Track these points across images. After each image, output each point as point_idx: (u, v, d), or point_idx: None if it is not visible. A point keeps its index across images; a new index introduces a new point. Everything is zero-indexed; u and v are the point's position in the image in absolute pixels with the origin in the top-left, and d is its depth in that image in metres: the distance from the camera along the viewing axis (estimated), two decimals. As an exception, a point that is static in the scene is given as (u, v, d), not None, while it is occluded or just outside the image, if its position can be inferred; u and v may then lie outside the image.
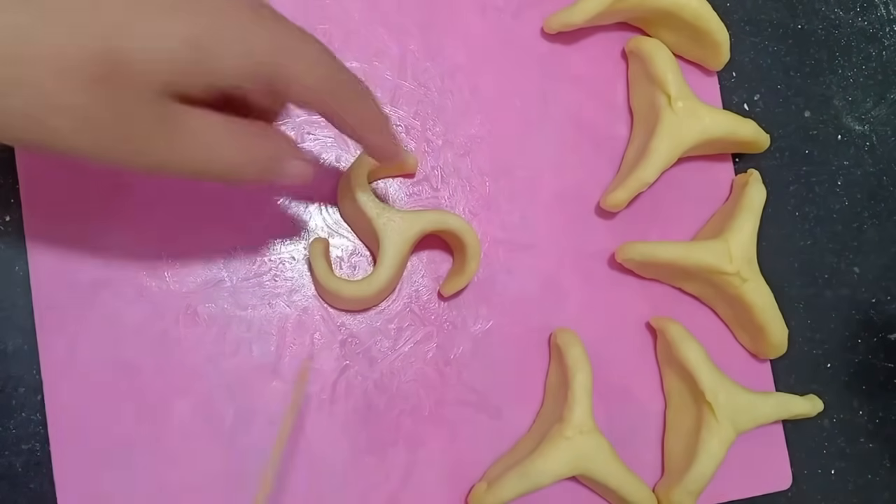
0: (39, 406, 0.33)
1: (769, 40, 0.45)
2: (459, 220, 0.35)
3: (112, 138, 0.24)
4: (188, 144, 0.25)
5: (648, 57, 0.39)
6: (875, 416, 0.44)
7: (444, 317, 0.38)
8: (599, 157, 0.41)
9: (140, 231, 0.35)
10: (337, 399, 0.36)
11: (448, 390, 0.38)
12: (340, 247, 0.37)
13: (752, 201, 0.40)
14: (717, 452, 0.37)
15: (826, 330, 0.44)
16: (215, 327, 0.35)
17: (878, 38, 0.46)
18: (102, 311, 0.34)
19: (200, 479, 0.34)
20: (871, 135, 0.46)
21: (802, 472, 0.42)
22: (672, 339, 0.38)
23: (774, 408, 0.39)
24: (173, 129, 0.25)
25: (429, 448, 0.37)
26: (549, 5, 0.40)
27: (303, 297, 0.37)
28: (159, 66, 0.24)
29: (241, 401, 0.35)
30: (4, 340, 0.34)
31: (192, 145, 0.26)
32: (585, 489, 0.39)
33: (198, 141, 0.26)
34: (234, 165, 0.27)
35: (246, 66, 0.25)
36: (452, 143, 0.39)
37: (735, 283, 0.38)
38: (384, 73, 0.39)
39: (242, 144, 0.27)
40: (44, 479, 0.33)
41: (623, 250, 0.39)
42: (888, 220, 0.45)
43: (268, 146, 0.28)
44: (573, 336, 0.38)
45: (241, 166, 0.27)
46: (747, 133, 0.40)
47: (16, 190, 0.34)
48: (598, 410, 0.38)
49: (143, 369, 0.34)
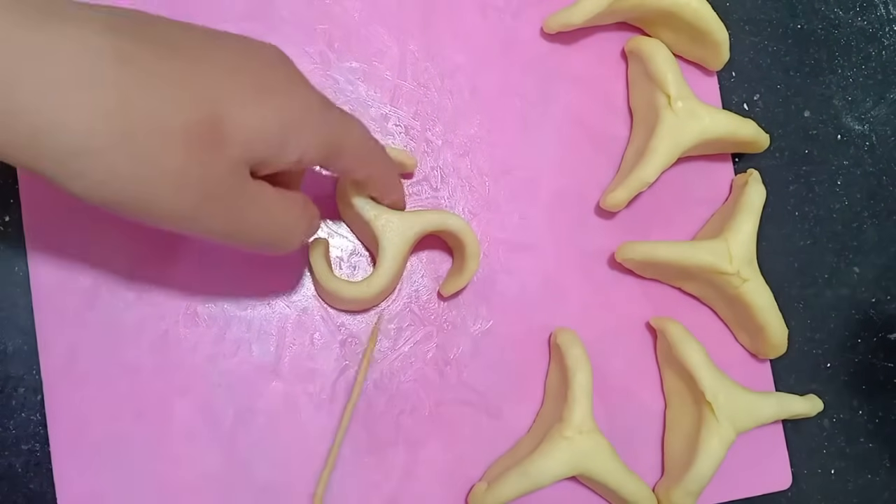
0: (39, 406, 0.33)
1: (769, 40, 0.45)
2: (458, 221, 0.35)
3: (200, 203, 0.25)
4: (257, 216, 0.27)
5: (648, 57, 0.39)
6: (875, 416, 0.44)
7: (444, 317, 0.38)
8: (599, 157, 0.41)
9: (140, 231, 0.35)
10: (337, 399, 0.36)
11: (448, 390, 0.38)
12: (340, 247, 0.37)
13: (751, 201, 0.40)
14: (717, 452, 0.37)
15: (826, 330, 0.44)
16: (215, 327, 0.35)
17: (878, 37, 0.46)
18: (102, 312, 0.34)
19: (200, 479, 0.34)
20: (870, 135, 0.46)
21: (802, 472, 0.42)
22: (672, 339, 0.38)
23: (774, 408, 0.39)
24: (250, 202, 0.27)
25: (429, 448, 0.37)
26: (549, 5, 0.40)
27: (303, 297, 0.37)
28: (253, 140, 0.25)
29: (241, 401, 0.35)
30: (4, 340, 0.34)
31: (260, 217, 0.28)
32: (585, 489, 0.39)
33: (265, 213, 0.28)
34: (290, 234, 0.29)
35: (316, 147, 0.28)
36: (452, 143, 0.39)
37: (735, 283, 0.38)
38: (384, 73, 0.39)
39: (296, 215, 0.29)
40: (44, 479, 0.33)
41: (623, 250, 0.39)
42: (888, 220, 0.45)
43: (309, 213, 0.30)
44: (573, 336, 0.38)
45: (294, 234, 0.30)
46: (747, 133, 0.40)
47: (16, 190, 0.34)
48: (598, 410, 0.38)
49: (143, 369, 0.34)
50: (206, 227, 0.26)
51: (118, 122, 0.23)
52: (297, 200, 0.29)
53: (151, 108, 0.23)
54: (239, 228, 0.27)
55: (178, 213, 0.25)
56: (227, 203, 0.26)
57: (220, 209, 0.26)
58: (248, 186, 0.26)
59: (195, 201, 0.25)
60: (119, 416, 0.34)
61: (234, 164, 0.25)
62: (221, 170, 0.25)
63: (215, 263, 0.36)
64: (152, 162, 0.23)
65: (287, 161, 0.27)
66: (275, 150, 0.26)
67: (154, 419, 0.34)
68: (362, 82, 0.38)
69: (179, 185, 0.24)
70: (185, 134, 0.24)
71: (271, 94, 0.26)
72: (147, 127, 0.23)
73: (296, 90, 0.27)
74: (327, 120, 0.28)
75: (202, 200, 0.25)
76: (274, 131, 0.26)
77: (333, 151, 0.29)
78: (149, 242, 0.35)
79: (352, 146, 0.30)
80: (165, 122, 0.23)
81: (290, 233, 0.29)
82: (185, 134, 0.24)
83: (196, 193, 0.25)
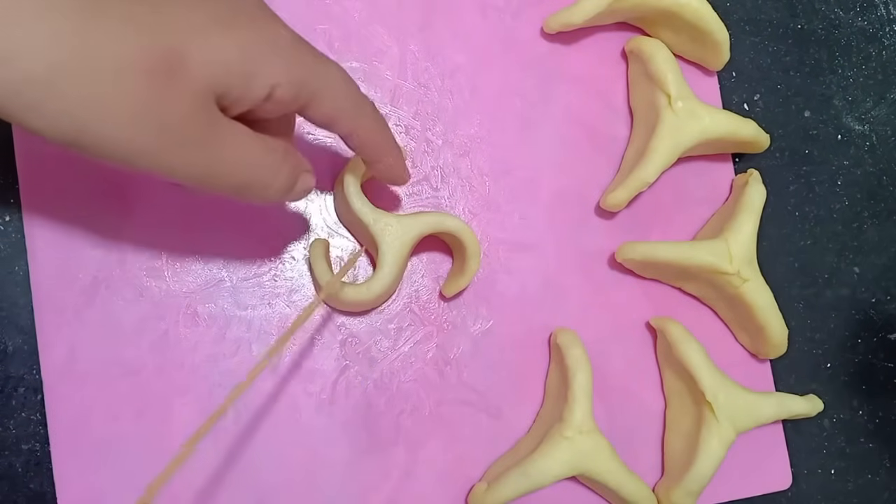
0: (39, 406, 0.33)
1: (769, 40, 0.45)
2: (457, 222, 0.35)
3: (166, 140, 0.24)
4: (231, 157, 0.26)
5: (648, 57, 0.39)
6: (875, 416, 0.44)
7: (444, 317, 0.38)
8: (599, 157, 0.41)
9: (140, 231, 0.35)
10: (337, 399, 0.36)
11: (448, 390, 0.38)
12: (340, 247, 0.37)
13: (752, 201, 0.40)
14: (717, 452, 0.37)
15: (826, 330, 0.44)
16: (215, 327, 0.35)
17: (878, 38, 0.46)
18: (102, 311, 0.34)
19: (200, 479, 0.34)
20: (871, 135, 0.46)
21: (802, 472, 0.43)
22: (672, 339, 0.38)
23: (774, 408, 0.39)
24: (220, 139, 0.26)
25: (429, 448, 0.37)
26: (549, 5, 0.40)
27: (303, 297, 0.37)
28: (215, 71, 0.25)
29: (241, 401, 0.35)
30: (4, 340, 0.34)
31: (234, 158, 0.27)
32: (585, 489, 0.39)
33: (239, 154, 0.27)
34: (267, 181, 0.28)
35: (287, 83, 0.27)
36: (452, 143, 0.39)
37: (735, 283, 0.38)
38: (384, 73, 0.39)
39: (275, 160, 0.28)
40: (44, 479, 0.33)
41: (623, 250, 0.39)
42: (888, 220, 0.45)
43: (291, 162, 0.29)
44: (573, 336, 0.38)
45: (272, 182, 0.28)
46: (747, 133, 0.40)
47: (16, 190, 0.34)
48: (598, 410, 0.38)
49: (143, 369, 0.34)
50: (169, 165, 0.25)
51: (74, 51, 0.22)
52: (277, 146, 0.28)
53: (109, 37, 0.23)
54: (207, 167, 0.26)
55: (138, 148, 0.24)
56: (191, 138, 0.25)
57: (183, 144, 0.25)
58: (217, 122, 0.26)
59: (154, 134, 0.24)
60: (119, 415, 0.34)
61: (196, 97, 0.25)
62: (182, 102, 0.24)
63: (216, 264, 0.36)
64: (109, 92, 0.23)
65: (255, 96, 0.26)
66: (239, 80, 0.25)
67: (154, 419, 0.34)
68: (362, 82, 0.38)
69: (137, 116, 0.23)
70: (143, 63, 0.23)
71: (235, 27, 0.26)
72: (104, 55, 0.23)
73: (263, 24, 0.27)
74: (299, 56, 0.28)
75: (161, 133, 0.24)
76: (236, 61, 0.25)
77: (308, 91, 0.28)
78: (149, 242, 0.35)
79: (330, 89, 0.28)
80: (123, 51, 0.23)
81: (266, 178, 0.28)
82: (143, 63, 0.23)
83: (154, 126, 0.24)
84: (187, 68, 0.24)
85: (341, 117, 0.29)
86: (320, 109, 0.29)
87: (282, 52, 0.27)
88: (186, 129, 0.25)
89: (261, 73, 0.26)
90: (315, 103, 0.28)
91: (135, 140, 0.24)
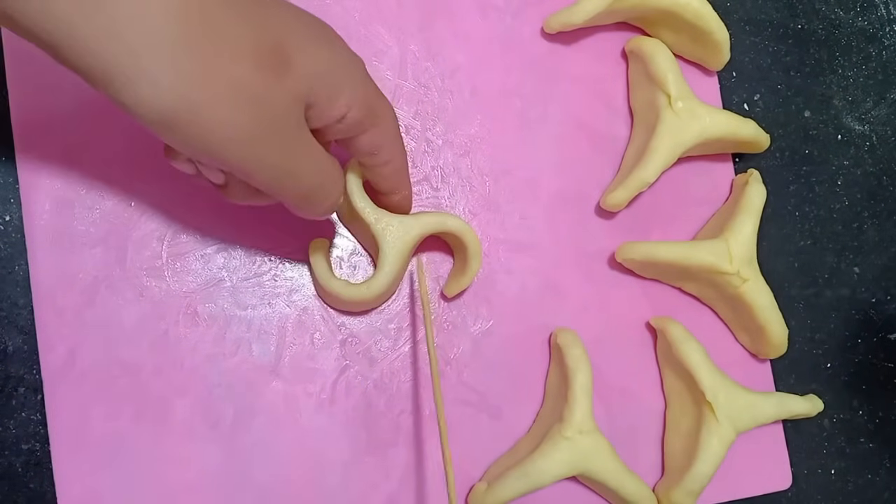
0: (39, 406, 0.33)
1: (769, 40, 0.45)
2: (458, 222, 0.35)
3: (264, 129, 0.25)
4: (309, 162, 0.28)
5: (648, 57, 0.39)
6: (875, 416, 0.44)
7: (444, 317, 0.38)
8: (599, 157, 0.41)
9: (140, 231, 0.35)
10: (337, 399, 0.36)
11: (448, 390, 0.38)
12: (340, 247, 0.37)
13: (752, 201, 0.40)
14: (717, 452, 0.37)
15: (826, 330, 0.44)
16: (215, 327, 0.35)
17: (878, 38, 0.46)
18: (102, 311, 0.34)
19: (200, 479, 0.34)
20: (871, 135, 0.46)
21: (802, 472, 0.42)
22: (672, 339, 0.38)
23: (774, 408, 0.39)
24: (304, 143, 0.27)
25: (429, 448, 0.37)
26: (549, 5, 0.40)
27: (303, 297, 0.37)
28: (311, 82, 0.26)
29: (241, 401, 0.35)
30: (4, 340, 0.34)
31: (311, 163, 0.28)
32: (585, 489, 0.39)
33: (315, 161, 0.28)
34: (329, 191, 0.30)
35: (358, 108, 0.28)
36: (452, 143, 0.39)
37: (735, 283, 0.38)
38: (384, 73, 0.39)
39: (339, 174, 0.30)
40: (44, 479, 0.33)
41: (623, 250, 0.39)
42: (888, 220, 0.45)
43: (342, 178, 0.31)
44: (573, 336, 0.38)
45: (332, 192, 0.30)
46: (747, 133, 0.40)
47: (16, 190, 0.34)
48: (598, 410, 0.38)
49: (143, 369, 0.34)
50: (258, 156, 0.26)
51: (192, 27, 0.23)
52: (335, 161, 0.30)
53: (226, 22, 0.24)
54: (292, 167, 0.27)
55: (234, 131, 0.24)
56: (284, 135, 0.26)
57: (277, 139, 0.26)
58: (303, 127, 0.27)
59: (253, 121, 0.25)
60: (119, 415, 0.34)
61: (296, 97, 0.26)
62: (284, 97, 0.25)
63: (216, 264, 0.36)
64: (219, 68, 0.23)
65: (333, 115, 0.28)
66: (325, 95, 0.27)
67: (154, 419, 0.34)
68: (362, 82, 0.38)
69: (241, 98, 0.24)
70: (254, 51, 0.24)
71: (326, 45, 0.27)
72: (219, 36, 0.23)
73: (344, 48, 0.29)
74: (371, 85, 0.29)
75: (261, 122, 0.25)
76: (332, 73, 0.27)
77: (371, 116, 0.29)
78: (150, 242, 0.35)
79: (386, 119, 0.30)
80: (237, 36, 0.24)
81: (329, 188, 0.30)
82: (254, 51, 0.24)
83: (254, 113, 0.25)
84: (292, 68, 0.25)
85: (386, 147, 0.31)
86: (374, 137, 0.30)
87: (360, 78, 0.29)
88: (281, 125, 0.26)
89: (343, 94, 0.28)
90: (373, 130, 0.30)
91: (232, 122, 0.24)
